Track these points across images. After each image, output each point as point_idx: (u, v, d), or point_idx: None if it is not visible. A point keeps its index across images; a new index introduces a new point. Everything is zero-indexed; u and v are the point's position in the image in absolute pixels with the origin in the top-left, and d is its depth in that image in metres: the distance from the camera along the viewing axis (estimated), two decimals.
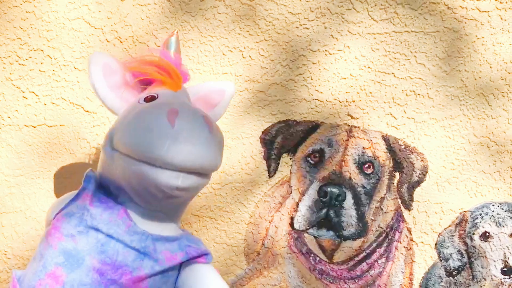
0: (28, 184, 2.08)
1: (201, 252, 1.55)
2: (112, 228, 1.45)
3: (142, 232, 1.47)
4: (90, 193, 1.49)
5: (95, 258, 1.43)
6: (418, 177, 2.10)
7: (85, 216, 1.45)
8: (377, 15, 2.08)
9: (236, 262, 2.12)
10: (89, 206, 1.47)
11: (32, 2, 2.06)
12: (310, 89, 2.09)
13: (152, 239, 1.48)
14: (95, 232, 1.45)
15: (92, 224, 1.45)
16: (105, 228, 1.45)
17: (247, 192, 2.10)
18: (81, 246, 1.43)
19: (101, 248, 1.43)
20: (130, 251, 1.45)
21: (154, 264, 1.47)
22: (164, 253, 1.49)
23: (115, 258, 1.44)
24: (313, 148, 2.10)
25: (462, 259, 2.10)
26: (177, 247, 1.51)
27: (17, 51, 2.07)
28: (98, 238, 1.44)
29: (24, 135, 2.08)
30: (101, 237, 1.44)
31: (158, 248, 1.48)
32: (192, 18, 2.08)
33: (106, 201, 1.48)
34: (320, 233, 2.08)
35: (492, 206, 2.10)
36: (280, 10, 2.08)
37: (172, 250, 1.50)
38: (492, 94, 2.09)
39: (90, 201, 1.48)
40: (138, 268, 1.45)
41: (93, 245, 1.43)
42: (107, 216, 1.46)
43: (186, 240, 1.55)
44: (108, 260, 1.43)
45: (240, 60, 2.08)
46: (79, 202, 1.49)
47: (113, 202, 1.49)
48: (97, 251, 1.43)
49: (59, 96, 2.07)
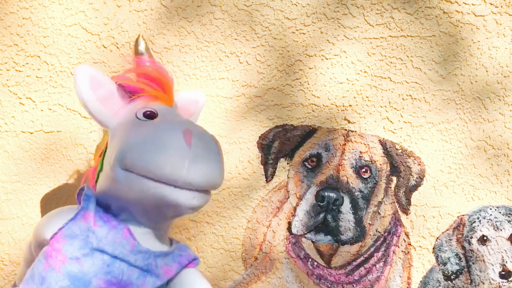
0: (25, 191, 2.07)
1: (191, 258, 1.59)
2: (117, 249, 1.46)
3: (146, 251, 1.49)
4: (92, 213, 1.48)
5: (101, 279, 1.44)
6: (415, 181, 2.10)
7: (90, 238, 1.45)
8: (373, 20, 2.08)
9: (234, 268, 2.11)
10: (94, 227, 1.46)
11: (29, 9, 2.06)
12: (307, 94, 2.10)
13: (154, 256, 1.49)
14: (100, 253, 1.45)
15: (98, 246, 1.45)
16: (111, 250, 1.45)
17: (245, 197, 2.10)
18: (86, 268, 1.43)
19: (107, 269, 1.44)
20: (134, 270, 1.46)
21: (156, 279, 1.49)
22: (163, 268, 1.51)
23: (120, 278, 1.44)
24: (310, 152, 2.10)
25: (460, 263, 2.10)
26: (171, 260, 1.54)
27: (14, 58, 2.07)
28: (104, 260, 1.45)
29: (21, 141, 2.07)
30: (107, 258, 1.45)
31: (159, 263, 1.50)
32: (188, 24, 2.09)
33: (109, 220, 1.49)
34: (318, 238, 2.08)
35: (490, 209, 2.10)
36: (277, 16, 2.09)
37: (168, 263, 1.53)
38: (488, 98, 2.09)
39: (94, 221, 1.47)
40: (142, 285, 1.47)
41: (99, 267, 1.44)
42: (112, 236, 1.46)
43: (177, 250, 1.58)
44: (114, 280, 1.44)
45: (237, 65, 2.09)
46: (81, 222, 1.48)
47: (115, 221, 1.49)
48: (103, 272, 1.44)
49: (56, 102, 2.07)
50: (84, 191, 1.53)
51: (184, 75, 2.07)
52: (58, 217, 1.51)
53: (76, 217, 1.48)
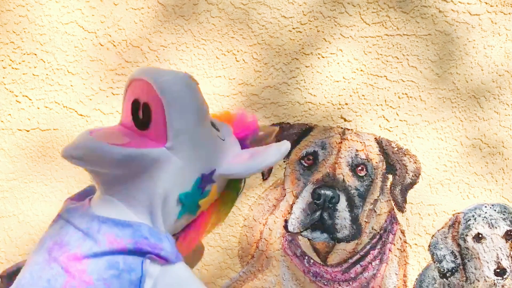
0: (21, 188, 2.07)
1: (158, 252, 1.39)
2: (71, 213, 1.48)
3: (92, 214, 1.46)
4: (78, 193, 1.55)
5: (52, 239, 1.46)
6: (411, 179, 2.11)
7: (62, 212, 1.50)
8: (369, 18, 2.09)
9: (231, 265, 2.12)
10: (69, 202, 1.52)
11: (25, 6, 2.06)
12: (303, 92, 2.10)
13: (99, 220, 1.44)
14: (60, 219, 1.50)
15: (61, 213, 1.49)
16: (67, 215, 1.48)
17: (241, 195, 2.10)
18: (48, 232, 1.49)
19: (58, 231, 1.46)
20: (77, 232, 1.46)
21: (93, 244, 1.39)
22: (107, 235, 1.42)
23: (63, 238, 1.46)
24: (307, 150, 2.10)
25: (456, 261, 2.11)
26: (129, 234, 1.40)
27: (10, 55, 2.06)
28: (60, 223, 1.49)
29: (17, 139, 2.07)
30: (62, 222, 1.49)
31: (102, 230, 1.44)
32: (185, 22, 2.09)
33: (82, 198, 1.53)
34: (314, 236, 2.09)
35: (485, 207, 2.11)
36: (273, 14, 2.09)
37: (118, 234, 1.40)
38: (483, 97, 2.10)
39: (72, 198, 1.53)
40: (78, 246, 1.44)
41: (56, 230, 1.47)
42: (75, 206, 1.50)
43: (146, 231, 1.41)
44: (58, 240, 1.46)
45: (233, 63, 2.09)
46: None
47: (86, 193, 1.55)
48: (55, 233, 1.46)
49: (53, 100, 2.07)
50: None
51: None
52: None
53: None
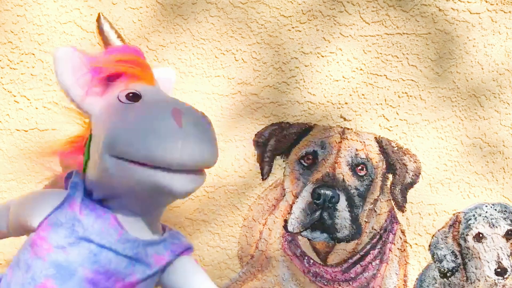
0: (19, 189, 2.06)
1: (185, 247, 1.55)
2: (104, 238, 1.43)
3: (134, 239, 1.45)
4: (79, 201, 1.45)
5: (88, 268, 1.41)
6: (411, 179, 2.10)
7: (76, 227, 1.42)
8: (369, 17, 2.08)
9: (230, 266, 2.11)
10: (80, 216, 1.43)
11: (23, 6, 2.05)
12: (302, 92, 2.09)
13: (143, 244, 1.47)
14: (87, 243, 1.42)
15: (84, 235, 1.42)
16: (98, 239, 1.42)
17: (241, 195, 2.10)
18: (72, 257, 1.41)
19: (94, 259, 1.41)
20: (123, 259, 1.44)
21: (146, 268, 1.46)
22: (153, 257, 1.48)
23: (107, 267, 1.42)
24: (306, 150, 2.10)
25: (456, 260, 2.10)
26: (163, 248, 1.50)
27: (8, 55, 2.06)
28: (91, 249, 1.42)
29: (15, 140, 2.06)
30: (93, 248, 1.42)
31: (149, 252, 1.48)
32: (184, 21, 2.08)
33: (95, 209, 1.45)
34: (314, 236, 2.08)
35: (485, 207, 2.10)
36: (272, 13, 2.08)
37: (159, 252, 1.49)
38: (484, 96, 2.10)
39: (80, 210, 1.44)
40: (131, 274, 1.44)
41: (86, 256, 1.41)
42: (98, 225, 1.43)
43: (170, 238, 1.54)
44: (101, 270, 1.42)
45: (232, 62, 2.08)
46: (67, 210, 1.45)
47: (102, 209, 1.46)
48: (90, 261, 1.41)
49: (51, 100, 2.06)
50: (72, 178, 1.50)
51: (180, 72, 2.06)
52: (45, 204, 1.46)
53: (62, 205, 1.44)
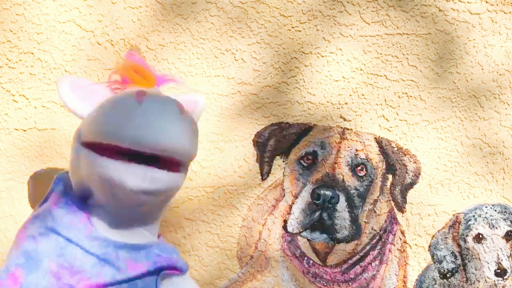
0: (18, 189, 2.05)
1: (172, 263, 1.48)
2: (72, 232, 1.42)
3: (104, 239, 1.42)
4: (57, 195, 1.47)
5: (54, 261, 1.40)
6: (411, 179, 2.10)
7: (46, 218, 1.43)
8: (369, 17, 2.08)
9: (229, 266, 2.10)
10: (52, 208, 1.44)
11: (22, 5, 2.04)
12: (302, 92, 2.09)
13: (114, 246, 1.43)
14: (55, 235, 1.42)
15: (52, 226, 1.42)
16: (65, 231, 1.42)
17: (240, 195, 2.09)
18: (41, 248, 1.41)
19: (59, 251, 1.40)
20: (89, 257, 1.41)
21: (115, 272, 1.41)
22: (127, 262, 1.43)
23: (72, 263, 1.40)
24: (306, 150, 2.09)
25: (456, 261, 2.10)
26: (144, 256, 1.45)
27: (7, 54, 2.05)
28: (58, 241, 1.42)
29: (14, 139, 2.05)
30: (61, 240, 1.42)
31: (121, 256, 1.43)
32: (183, 21, 2.07)
33: (71, 204, 1.45)
34: (314, 236, 2.08)
35: (485, 207, 2.10)
36: (272, 13, 2.08)
37: (137, 259, 1.44)
38: (484, 96, 2.09)
39: (55, 203, 1.45)
40: (98, 274, 1.41)
41: (53, 248, 1.41)
42: (68, 219, 1.43)
43: (157, 249, 1.48)
44: (66, 264, 1.40)
45: (232, 62, 2.08)
46: (46, 204, 1.47)
47: (79, 205, 1.45)
48: (56, 254, 1.40)
49: (50, 100, 2.05)
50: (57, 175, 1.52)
51: (179, 72, 2.06)
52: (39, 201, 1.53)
53: (45, 199, 1.47)
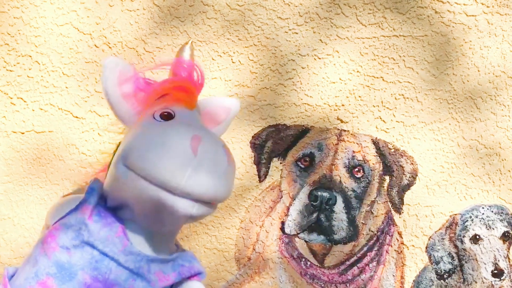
0: (16, 191, 2.06)
1: (194, 272, 1.53)
2: (108, 246, 1.43)
3: (138, 253, 1.46)
4: (91, 207, 1.47)
5: (88, 273, 1.42)
6: (408, 181, 2.11)
7: (82, 231, 1.44)
8: (366, 19, 2.09)
9: (227, 268, 2.11)
10: (88, 221, 1.45)
11: (20, 8, 2.05)
12: (299, 94, 2.10)
13: (147, 260, 1.47)
14: (90, 248, 1.43)
15: (88, 240, 1.43)
16: (101, 246, 1.43)
17: (238, 197, 2.10)
18: (75, 260, 1.42)
19: (94, 265, 1.42)
20: (123, 271, 1.44)
21: (147, 285, 1.46)
22: (157, 274, 1.47)
23: (107, 276, 1.42)
24: (303, 152, 2.10)
25: (453, 262, 2.11)
26: (171, 268, 1.49)
27: (5, 57, 2.05)
28: (93, 255, 1.43)
29: (12, 142, 2.06)
30: (96, 254, 1.43)
31: (152, 269, 1.47)
32: (181, 24, 2.08)
33: (106, 217, 1.46)
34: (311, 238, 2.08)
35: (482, 208, 2.11)
36: (269, 15, 2.09)
37: (165, 271, 1.49)
38: (480, 98, 2.10)
39: (90, 215, 1.46)
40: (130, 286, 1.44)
41: (87, 261, 1.42)
42: (104, 233, 1.44)
43: (180, 259, 1.53)
44: (100, 278, 1.42)
45: (229, 65, 2.08)
46: (79, 214, 1.47)
47: (113, 218, 1.46)
48: (91, 267, 1.42)
49: (48, 102, 2.06)
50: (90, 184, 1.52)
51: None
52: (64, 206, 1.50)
53: (76, 208, 1.47)
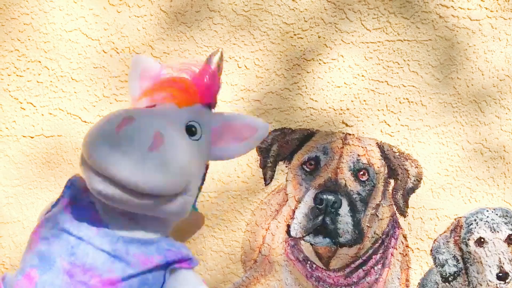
0: (26, 194, 2.09)
1: (182, 256, 1.50)
2: (82, 231, 1.45)
3: (113, 234, 1.47)
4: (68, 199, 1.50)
5: (65, 260, 1.43)
6: (412, 184, 2.12)
7: (58, 219, 1.46)
8: (370, 24, 2.11)
9: (233, 270, 2.13)
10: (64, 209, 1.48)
11: (30, 14, 2.08)
12: (305, 98, 2.11)
13: (123, 241, 1.47)
14: (66, 234, 1.44)
15: (63, 226, 1.45)
16: (76, 231, 1.45)
17: (244, 200, 2.12)
18: (54, 248, 1.44)
19: (71, 250, 1.44)
20: (100, 254, 1.45)
21: (126, 267, 1.45)
22: (137, 256, 1.47)
23: (84, 260, 1.44)
24: (309, 156, 2.11)
25: (458, 265, 2.11)
26: (154, 250, 1.49)
27: (15, 63, 2.09)
28: (69, 240, 1.44)
29: (22, 146, 2.09)
30: (72, 240, 1.44)
31: (131, 250, 1.47)
32: (188, 29, 2.11)
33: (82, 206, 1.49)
34: (317, 240, 2.10)
35: (487, 211, 2.11)
36: (275, 21, 2.11)
37: (147, 253, 1.49)
38: (484, 101, 2.11)
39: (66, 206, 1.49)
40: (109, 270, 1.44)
41: (64, 247, 1.44)
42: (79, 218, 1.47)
43: (165, 244, 1.50)
44: (78, 262, 1.44)
45: (235, 69, 2.11)
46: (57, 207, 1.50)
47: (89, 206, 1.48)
48: (68, 253, 1.44)
49: (57, 107, 2.09)
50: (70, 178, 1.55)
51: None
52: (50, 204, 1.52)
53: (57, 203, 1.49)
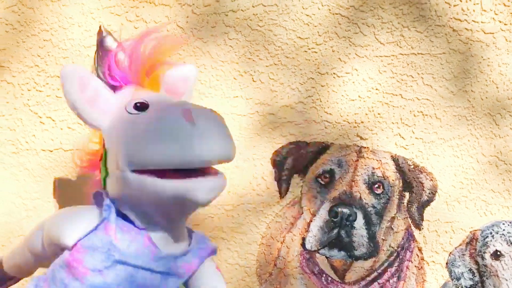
0: (45, 208, 2.12)
1: (210, 251, 1.61)
2: (139, 259, 1.46)
3: (166, 256, 1.49)
4: (113, 225, 1.47)
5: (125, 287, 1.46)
6: (427, 197, 2.12)
7: (112, 252, 1.44)
8: (384, 38, 2.12)
9: (249, 283, 2.13)
10: (115, 241, 1.45)
11: (49, 31, 2.12)
12: (319, 111, 2.13)
13: (174, 258, 1.51)
14: (122, 265, 1.45)
15: (120, 258, 1.45)
16: (134, 261, 1.45)
17: (259, 213, 2.13)
18: (110, 279, 1.44)
19: (130, 279, 1.45)
20: (157, 275, 1.48)
21: (177, 279, 1.52)
22: (183, 266, 1.53)
23: (143, 284, 1.47)
24: (323, 169, 2.12)
25: (474, 278, 2.10)
26: (192, 256, 1.55)
27: (35, 78, 2.13)
28: (127, 271, 1.45)
29: (41, 159, 2.12)
30: (130, 269, 1.45)
31: (179, 264, 1.52)
32: (204, 44, 2.14)
33: (129, 230, 1.47)
34: (332, 253, 2.10)
35: (503, 224, 2.11)
36: (289, 35, 2.13)
37: (188, 260, 1.54)
38: (499, 114, 2.11)
39: (115, 234, 1.47)
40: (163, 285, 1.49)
41: (123, 278, 1.44)
42: (134, 248, 1.46)
43: (196, 244, 1.58)
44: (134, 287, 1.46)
45: (250, 83, 2.13)
46: (102, 234, 1.47)
47: (135, 229, 1.48)
48: (127, 282, 1.45)
49: (75, 121, 2.12)
50: (104, 200, 1.50)
51: (200, 93, 2.12)
52: (77, 223, 1.48)
53: (97, 228, 1.47)
